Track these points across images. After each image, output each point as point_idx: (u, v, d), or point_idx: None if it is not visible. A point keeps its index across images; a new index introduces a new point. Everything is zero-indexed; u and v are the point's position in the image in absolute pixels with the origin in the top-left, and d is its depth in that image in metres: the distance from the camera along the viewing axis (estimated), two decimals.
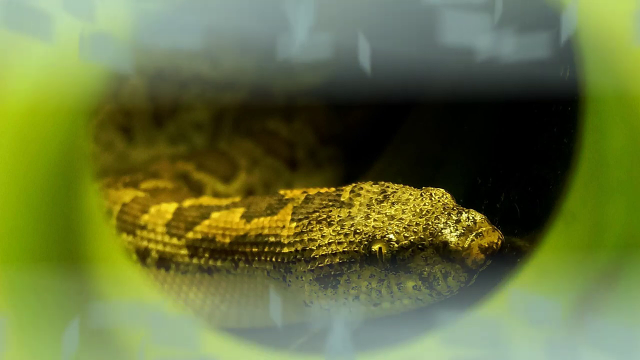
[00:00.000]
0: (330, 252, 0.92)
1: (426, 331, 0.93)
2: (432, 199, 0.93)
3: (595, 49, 0.85)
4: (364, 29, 0.86)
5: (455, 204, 0.93)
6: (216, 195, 1.27)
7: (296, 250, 0.95)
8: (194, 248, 1.03)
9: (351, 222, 0.93)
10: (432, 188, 0.94)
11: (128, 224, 1.08)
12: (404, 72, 1.18)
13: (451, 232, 0.89)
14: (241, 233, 1.00)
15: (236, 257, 1.00)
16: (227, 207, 1.04)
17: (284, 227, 0.97)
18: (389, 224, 0.91)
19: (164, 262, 1.05)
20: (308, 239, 0.94)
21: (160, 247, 1.05)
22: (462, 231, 0.89)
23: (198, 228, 1.04)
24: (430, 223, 0.90)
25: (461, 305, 0.92)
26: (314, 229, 0.94)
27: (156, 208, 1.08)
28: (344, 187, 0.98)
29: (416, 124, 1.31)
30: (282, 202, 1.00)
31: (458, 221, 0.90)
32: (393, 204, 0.93)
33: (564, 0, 0.86)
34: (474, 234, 0.89)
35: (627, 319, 0.86)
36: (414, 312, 0.93)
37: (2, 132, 0.80)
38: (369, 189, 0.96)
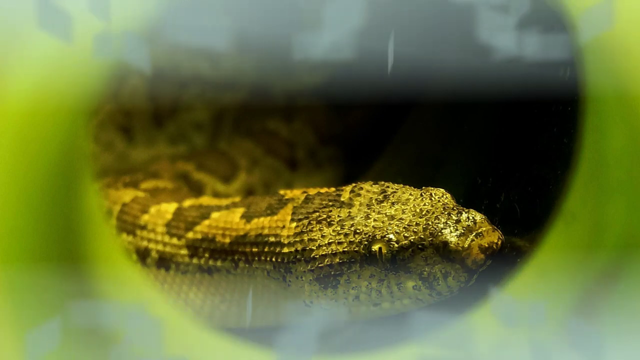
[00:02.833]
0: (330, 252, 0.92)
1: (425, 333, 0.93)
2: (432, 199, 0.93)
3: (595, 49, 0.85)
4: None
5: (455, 204, 0.93)
6: (216, 195, 1.27)
7: (296, 250, 0.95)
8: (194, 248, 1.03)
9: (351, 222, 0.93)
10: (432, 188, 0.94)
11: (128, 224, 1.08)
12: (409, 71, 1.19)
13: (451, 232, 0.89)
14: (241, 233, 1.00)
15: (236, 257, 1.00)
16: (227, 207, 1.04)
17: (284, 227, 0.97)
18: (389, 224, 0.91)
19: (164, 262, 1.05)
20: (308, 239, 0.94)
21: (160, 247, 1.05)
22: (462, 231, 0.89)
23: (198, 228, 1.04)
24: (430, 223, 0.90)
25: (461, 306, 0.92)
26: (314, 229, 0.94)
27: (156, 208, 1.08)
28: (344, 187, 0.98)
29: (416, 124, 1.31)
30: (282, 202, 1.00)
31: (458, 221, 0.90)
32: (393, 204, 0.93)
33: (566, 1, 0.86)
34: (474, 234, 0.89)
35: (627, 319, 0.86)
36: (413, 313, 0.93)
37: (2, 132, 0.80)
38: (369, 189, 0.96)
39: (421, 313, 0.91)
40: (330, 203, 0.96)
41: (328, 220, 0.94)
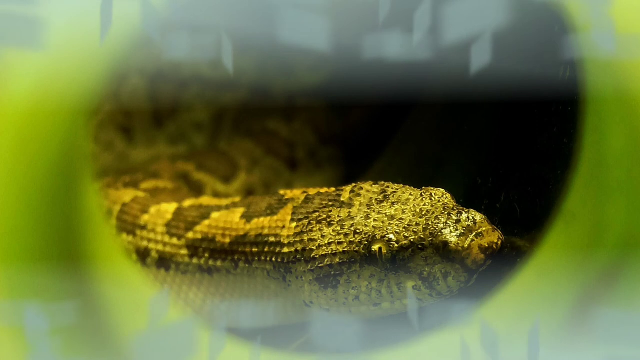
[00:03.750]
0: (330, 252, 0.92)
1: (427, 331, 0.93)
2: (432, 199, 0.93)
3: (595, 49, 0.85)
4: None
5: (455, 204, 0.93)
6: (216, 195, 1.27)
7: (296, 250, 0.95)
8: (194, 248, 1.03)
9: (351, 222, 0.93)
10: (432, 188, 0.94)
11: (128, 224, 1.08)
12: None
13: (451, 232, 0.89)
14: (241, 233, 1.00)
15: (236, 257, 1.00)
16: (227, 207, 1.04)
17: (284, 227, 0.97)
18: (389, 224, 0.91)
19: (164, 262, 1.05)
20: (308, 239, 0.94)
21: (160, 247, 1.05)
22: (462, 231, 0.89)
23: (198, 228, 1.04)
24: (430, 223, 0.90)
25: (461, 305, 0.93)
26: (314, 229, 0.94)
27: (156, 208, 1.08)
28: (344, 187, 0.98)
29: (416, 124, 1.31)
30: (282, 202, 1.00)
31: (458, 221, 0.90)
32: (393, 204, 0.93)
33: (565, 2, 0.86)
34: (474, 234, 0.89)
35: (627, 319, 0.86)
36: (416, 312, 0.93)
37: (2, 132, 0.80)
38: (369, 189, 0.96)
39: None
40: (330, 203, 0.96)
41: (328, 220, 0.94)
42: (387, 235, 0.91)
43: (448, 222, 0.90)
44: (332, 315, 0.95)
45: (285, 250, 0.96)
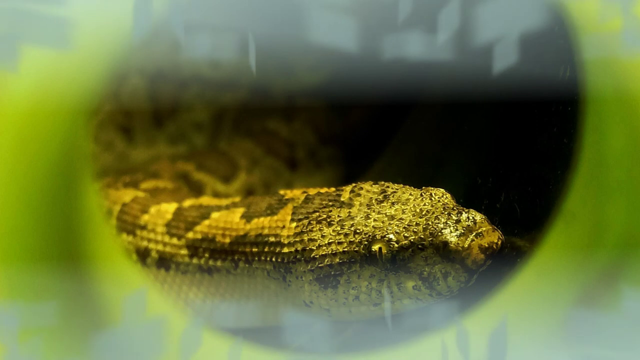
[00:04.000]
0: (330, 252, 0.92)
1: (426, 332, 0.93)
2: (432, 199, 0.93)
3: (595, 49, 0.85)
4: None
5: (455, 204, 0.93)
6: (216, 195, 1.27)
7: (296, 250, 0.95)
8: (194, 248, 1.03)
9: (351, 222, 0.93)
10: (432, 188, 0.94)
11: (128, 224, 1.08)
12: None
13: (451, 232, 0.89)
14: (241, 233, 1.00)
15: (236, 257, 1.00)
16: (227, 207, 1.04)
17: (284, 227, 0.97)
18: (389, 224, 0.91)
19: (164, 262, 1.05)
20: (308, 239, 0.94)
21: (160, 247, 1.05)
22: (462, 231, 0.89)
23: (198, 228, 1.04)
24: (430, 223, 0.90)
25: (461, 306, 0.93)
26: (314, 229, 0.94)
27: (156, 208, 1.08)
28: (344, 187, 0.98)
29: (416, 124, 1.31)
30: (282, 202, 1.00)
31: (458, 221, 0.90)
32: (393, 204, 0.93)
33: (565, 2, 0.86)
34: (474, 234, 0.89)
35: (627, 319, 0.86)
36: (413, 312, 0.93)
37: (2, 132, 0.80)
38: (369, 189, 0.96)
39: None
40: (330, 203, 0.96)
41: (328, 220, 0.94)
42: (387, 235, 0.91)
43: (448, 222, 0.90)
44: (332, 316, 0.95)
45: (285, 250, 0.96)
